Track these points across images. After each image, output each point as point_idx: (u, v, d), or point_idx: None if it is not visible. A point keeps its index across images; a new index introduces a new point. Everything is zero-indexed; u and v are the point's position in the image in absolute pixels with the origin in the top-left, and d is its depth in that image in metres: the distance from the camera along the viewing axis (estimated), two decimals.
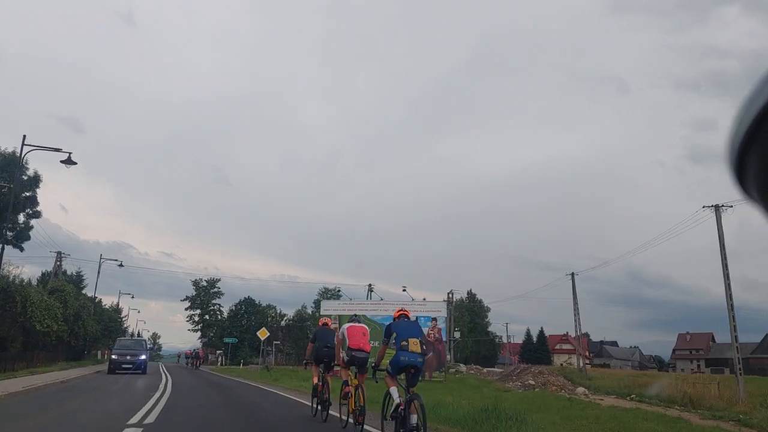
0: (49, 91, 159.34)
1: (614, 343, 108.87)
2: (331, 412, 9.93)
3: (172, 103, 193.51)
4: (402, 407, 7.06)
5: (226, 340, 62.53)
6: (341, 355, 9.17)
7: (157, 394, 14.54)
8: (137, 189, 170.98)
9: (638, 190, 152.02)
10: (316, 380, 10.35)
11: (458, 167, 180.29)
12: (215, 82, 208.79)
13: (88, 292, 43.99)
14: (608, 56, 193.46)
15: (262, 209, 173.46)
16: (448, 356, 43.71)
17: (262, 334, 32.61)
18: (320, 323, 11.14)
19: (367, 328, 9.54)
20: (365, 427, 8.47)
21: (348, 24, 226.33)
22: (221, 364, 60.49)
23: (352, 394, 8.78)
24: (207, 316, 77.80)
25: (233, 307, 76.88)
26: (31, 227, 36.42)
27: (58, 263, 40.29)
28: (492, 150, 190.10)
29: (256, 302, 77.05)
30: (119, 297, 63.33)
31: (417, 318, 35.56)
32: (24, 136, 16.96)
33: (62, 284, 31.77)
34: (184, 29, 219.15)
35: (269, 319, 72.61)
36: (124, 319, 74.24)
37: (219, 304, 78.84)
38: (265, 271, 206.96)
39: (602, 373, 50.67)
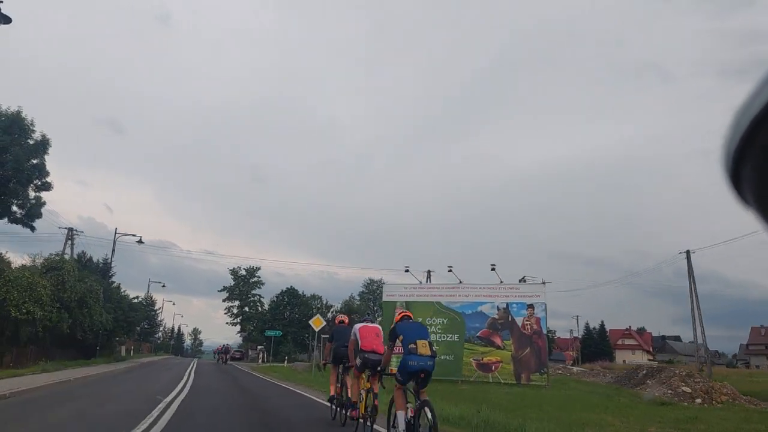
0: (88, 92, 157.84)
1: (677, 338, 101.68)
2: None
3: (207, 104, 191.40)
4: (412, 415, 6.52)
5: (268, 333, 54.73)
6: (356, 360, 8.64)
7: None
8: (178, 188, 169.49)
9: (683, 181, 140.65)
10: (333, 382, 9.93)
11: (494, 162, 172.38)
12: (249, 83, 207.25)
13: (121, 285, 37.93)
14: (649, 43, 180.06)
15: (298, 206, 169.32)
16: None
17: (317, 323, 24.95)
18: (336, 321, 10.73)
19: (380, 328, 8.92)
20: (375, 426, 8.01)
21: (380, 21, 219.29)
22: (262, 361, 53.24)
23: (363, 398, 8.38)
24: (246, 308, 71.24)
25: (274, 299, 70.04)
26: (44, 203, 30.26)
27: (70, 242, 33.55)
28: (529, 143, 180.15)
29: (300, 293, 70.06)
30: (149, 285, 57.33)
31: (507, 305, 27.96)
32: None
33: (61, 261, 24.74)
34: (219, 31, 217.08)
35: (314, 310, 65.29)
36: (158, 311, 68.40)
37: (259, 295, 72.24)
38: (304, 268, 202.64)
39: (725, 374, 41.47)
